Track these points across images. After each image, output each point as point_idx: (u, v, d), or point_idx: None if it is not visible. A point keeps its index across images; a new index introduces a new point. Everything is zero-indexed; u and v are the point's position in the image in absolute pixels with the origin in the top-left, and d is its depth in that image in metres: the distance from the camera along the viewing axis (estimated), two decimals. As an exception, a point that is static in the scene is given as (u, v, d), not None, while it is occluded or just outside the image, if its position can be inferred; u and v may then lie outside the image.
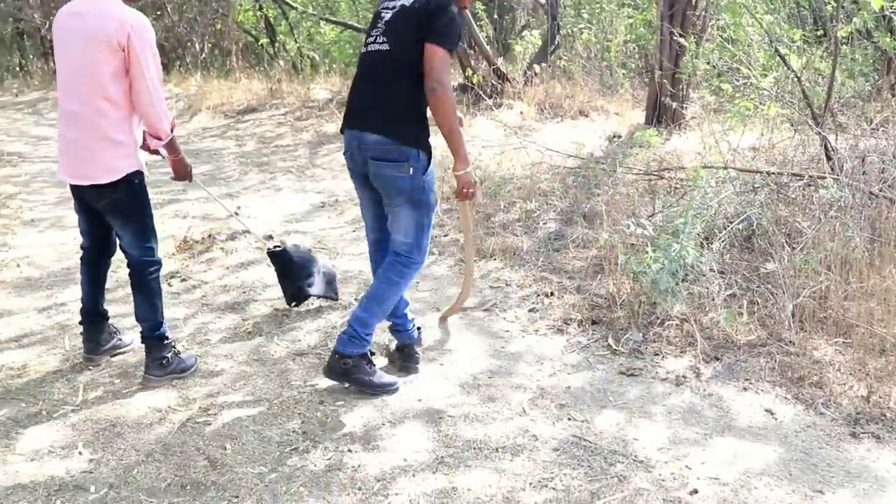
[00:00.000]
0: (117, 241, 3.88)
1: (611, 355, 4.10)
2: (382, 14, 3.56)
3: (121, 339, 4.14)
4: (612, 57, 11.19)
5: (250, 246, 5.81)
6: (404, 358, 3.97)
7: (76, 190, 3.71)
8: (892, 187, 4.99)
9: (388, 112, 3.46)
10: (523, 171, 7.02)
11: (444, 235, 5.96)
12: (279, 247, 4.62)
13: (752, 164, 5.89)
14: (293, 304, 4.61)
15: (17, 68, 19.19)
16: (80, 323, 4.04)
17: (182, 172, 3.93)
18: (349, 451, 3.26)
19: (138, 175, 3.66)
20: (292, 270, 4.55)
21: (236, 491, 2.99)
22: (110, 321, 4.14)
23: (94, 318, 4.02)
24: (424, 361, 4.02)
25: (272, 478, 3.07)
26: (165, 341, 3.86)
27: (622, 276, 4.61)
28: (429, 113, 3.48)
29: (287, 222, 6.49)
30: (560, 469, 3.12)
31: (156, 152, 3.76)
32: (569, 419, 3.49)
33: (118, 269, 5.23)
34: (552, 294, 4.81)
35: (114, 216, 3.73)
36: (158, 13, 16.47)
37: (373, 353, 3.82)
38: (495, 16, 12.74)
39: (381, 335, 4.15)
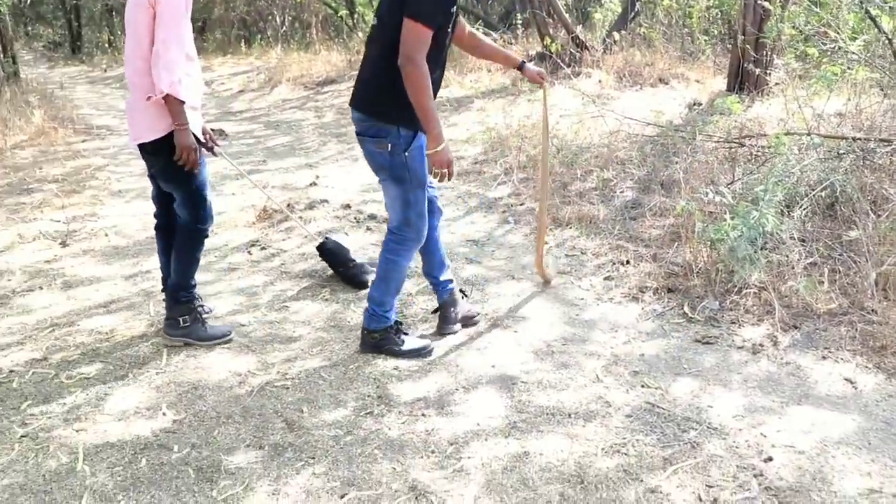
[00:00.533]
0: None
1: (686, 323, 4.06)
2: None
3: (202, 306, 4.26)
4: (694, 23, 10.95)
5: (328, 215, 5.90)
6: (440, 319, 4.04)
7: (140, 153, 3.81)
8: (985, 152, 4.80)
9: (368, 89, 3.48)
10: (601, 140, 6.96)
11: (521, 204, 5.96)
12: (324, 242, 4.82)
13: (837, 131, 5.72)
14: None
15: (107, 44, 19.72)
16: (162, 290, 4.17)
17: (185, 144, 3.60)
18: (423, 415, 3.31)
19: None
20: (336, 259, 4.73)
21: (312, 452, 3.06)
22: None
23: (173, 284, 4.14)
24: (500, 328, 4.06)
25: (347, 440, 3.14)
26: (186, 303, 3.96)
27: (699, 244, 4.55)
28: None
29: (364, 192, 6.57)
30: (633, 435, 3.11)
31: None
32: (642, 386, 3.47)
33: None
34: (628, 262, 4.77)
35: (162, 178, 3.82)
36: (240, -12, 16.76)
37: (400, 323, 3.89)
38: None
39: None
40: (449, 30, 3.45)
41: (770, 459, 2.92)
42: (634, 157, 6.42)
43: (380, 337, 3.80)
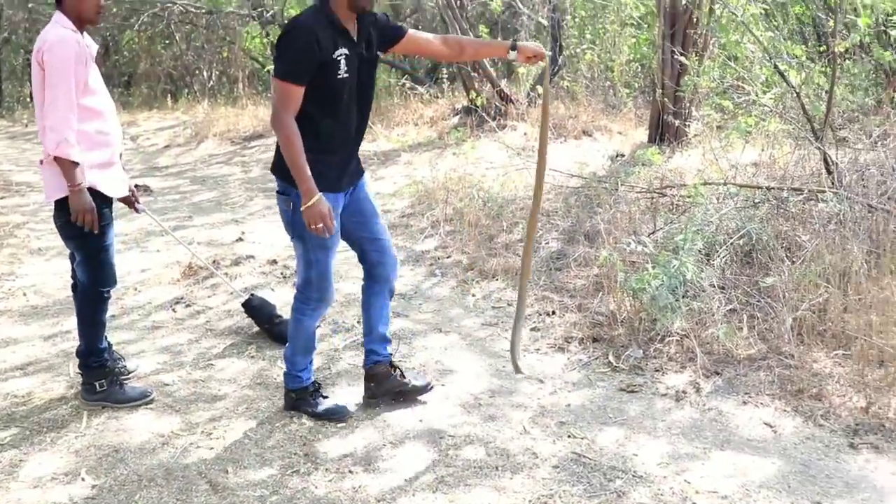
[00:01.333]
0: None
1: (611, 372, 4.12)
2: None
3: (125, 366, 4.17)
4: (616, 76, 11.24)
5: (254, 271, 5.86)
6: (365, 386, 3.90)
7: None
8: (890, 199, 5.00)
9: (277, 148, 3.44)
10: (526, 192, 7.04)
11: (447, 257, 5.99)
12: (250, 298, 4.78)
13: (753, 180, 5.91)
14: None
15: (28, 98, 19.39)
16: None
17: (78, 207, 3.49)
18: (350, 472, 3.28)
19: None
20: (262, 316, 4.70)
21: (237, 513, 3.01)
22: (113, 348, 4.17)
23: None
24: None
25: (273, 500, 3.10)
26: (99, 368, 3.86)
27: (622, 294, 4.63)
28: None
29: (290, 247, 6.50)
30: (559, 486, 3.13)
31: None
32: (569, 437, 3.50)
33: (123, 297, 5.31)
34: (553, 313, 4.83)
35: (63, 236, 3.74)
36: (167, 42, 16.68)
37: (318, 384, 3.84)
38: (498, 38, 12.82)
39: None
40: (342, 76, 3.30)
41: (694, 506, 2.97)
42: (559, 209, 6.52)
43: (296, 397, 3.77)
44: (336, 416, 3.72)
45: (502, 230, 6.29)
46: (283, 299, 5.15)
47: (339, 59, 3.28)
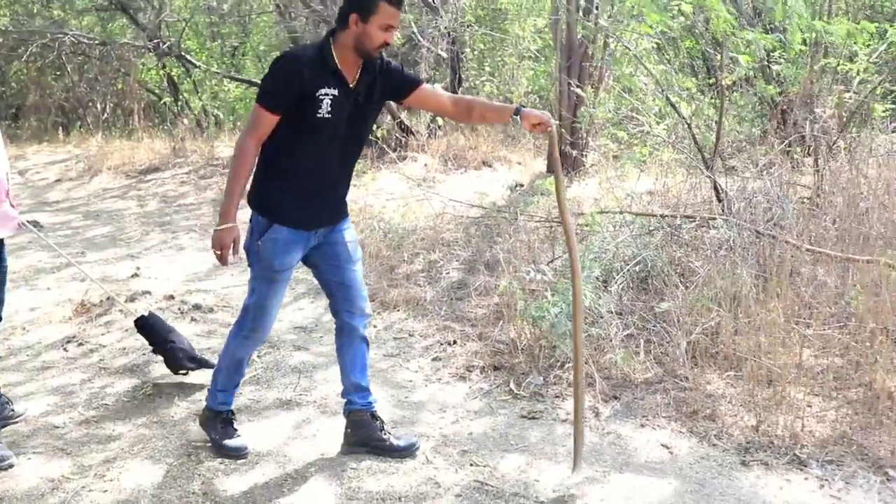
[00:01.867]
0: None
1: (512, 400, 4.15)
2: None
3: (12, 410, 4.00)
4: (514, 108, 11.41)
5: (151, 306, 5.71)
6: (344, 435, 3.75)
7: None
8: (776, 225, 5.20)
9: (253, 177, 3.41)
10: (427, 223, 7.09)
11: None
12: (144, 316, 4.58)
13: (648, 208, 6.07)
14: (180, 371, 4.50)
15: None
16: None
17: None
18: (250, 509, 3.22)
19: None
20: (156, 336, 4.50)
21: (132, 557, 2.92)
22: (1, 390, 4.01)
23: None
24: (328, 416, 4.01)
25: (169, 541, 3.01)
26: None
27: (522, 322, 4.68)
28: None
29: (189, 281, 6.41)
30: (462, 515, 3.13)
31: None
32: (471, 465, 3.51)
33: (10, 337, 5.11)
34: (455, 342, 4.85)
35: None
36: (58, 73, 16.22)
37: (233, 416, 3.75)
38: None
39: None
40: (323, 115, 3.20)
41: (594, 529, 3.00)
42: (460, 239, 6.57)
43: (207, 416, 3.71)
44: (236, 453, 3.64)
45: (403, 261, 6.29)
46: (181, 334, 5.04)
47: (322, 97, 3.17)
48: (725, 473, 3.38)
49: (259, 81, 13.78)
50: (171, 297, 5.86)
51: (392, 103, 10.74)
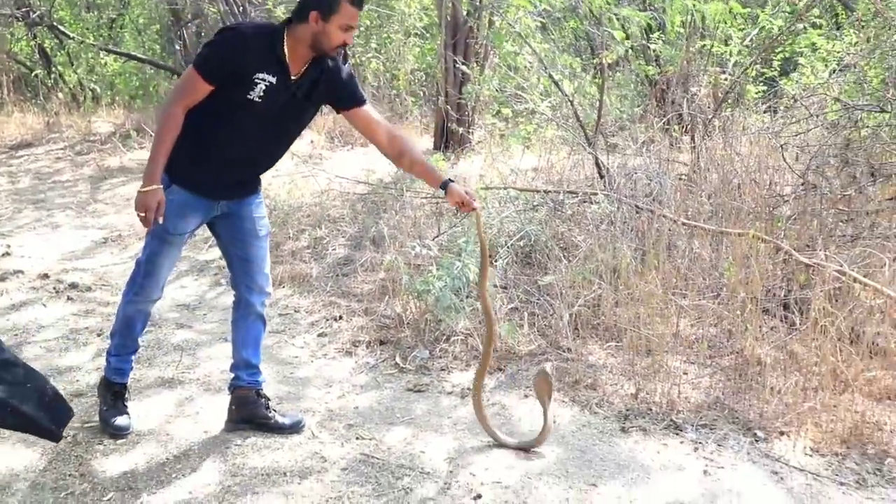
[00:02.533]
0: None
1: (398, 374, 4.16)
2: None
3: None
4: (401, 85, 11.39)
5: (23, 286, 5.49)
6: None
7: None
8: (655, 200, 5.35)
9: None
10: (313, 199, 7.02)
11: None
12: None
13: (532, 184, 6.15)
14: None
15: None
16: None
17: None
18: (131, 489, 3.13)
19: None
20: None
21: (3, 542, 2.81)
22: None
23: None
24: (212, 393, 3.94)
25: (44, 524, 2.91)
26: None
27: (408, 297, 4.69)
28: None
29: (65, 260, 6.18)
30: (348, 487, 3.12)
31: None
32: (357, 438, 3.50)
33: None
34: (341, 318, 4.83)
35: None
36: (-81, 44, 15.35)
37: (125, 388, 3.64)
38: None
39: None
40: (252, 98, 3.12)
41: (479, 497, 3.04)
42: (346, 215, 6.54)
43: (103, 384, 3.61)
44: (116, 432, 3.53)
45: (288, 237, 6.22)
46: (55, 315, 4.89)
47: (257, 81, 3.09)
48: (606, 440, 3.47)
49: (140, 56, 13.46)
50: (46, 276, 5.65)
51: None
